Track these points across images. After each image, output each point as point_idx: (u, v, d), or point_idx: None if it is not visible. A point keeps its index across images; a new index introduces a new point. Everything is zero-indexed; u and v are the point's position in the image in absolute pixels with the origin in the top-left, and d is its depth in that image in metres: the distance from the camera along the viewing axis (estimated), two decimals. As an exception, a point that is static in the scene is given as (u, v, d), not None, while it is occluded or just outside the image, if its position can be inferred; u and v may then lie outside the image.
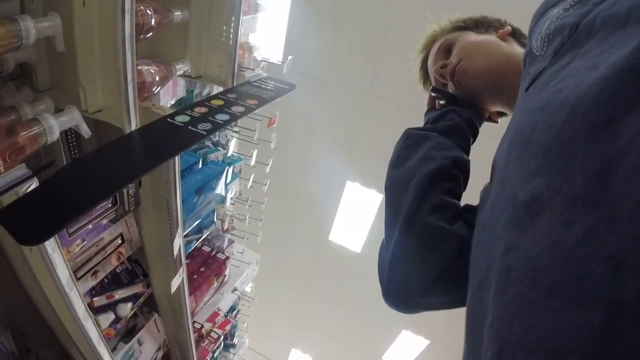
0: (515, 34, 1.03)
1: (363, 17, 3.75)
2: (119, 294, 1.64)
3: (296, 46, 4.04)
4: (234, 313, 3.29)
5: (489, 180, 0.73)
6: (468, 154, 0.94)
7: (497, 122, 1.08)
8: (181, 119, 1.27)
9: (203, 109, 1.36)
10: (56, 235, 1.09)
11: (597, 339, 0.34)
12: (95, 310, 1.55)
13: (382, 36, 3.77)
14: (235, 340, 3.48)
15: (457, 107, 0.98)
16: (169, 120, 1.26)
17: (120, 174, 0.96)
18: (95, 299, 1.55)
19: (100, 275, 1.45)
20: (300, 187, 5.05)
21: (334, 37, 3.97)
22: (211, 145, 2.31)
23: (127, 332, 1.92)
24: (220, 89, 2.17)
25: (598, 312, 0.34)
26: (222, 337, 2.88)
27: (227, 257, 2.38)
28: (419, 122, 1.05)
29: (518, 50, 0.97)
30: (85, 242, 1.28)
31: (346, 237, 5.30)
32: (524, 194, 0.47)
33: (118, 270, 1.65)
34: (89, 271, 1.38)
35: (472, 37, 1.03)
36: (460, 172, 0.87)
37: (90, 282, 1.42)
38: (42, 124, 0.97)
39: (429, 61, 1.13)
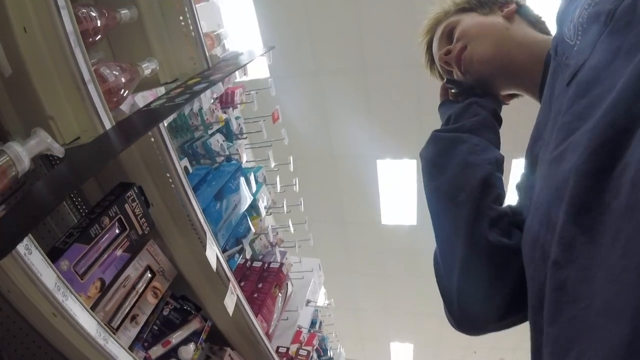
0: (522, 12, 0.95)
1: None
2: (176, 337, 1.43)
3: (276, 55, 3.92)
4: (317, 326, 3.10)
5: (524, 170, 0.74)
6: (499, 148, 0.90)
7: (508, 104, 1.03)
8: (157, 103, 1.09)
9: (179, 90, 1.18)
10: (64, 280, 0.90)
11: (624, 349, 0.34)
12: (155, 363, 1.35)
13: (352, 6, 3.61)
14: (331, 353, 3.27)
15: (477, 99, 0.92)
16: (144, 109, 1.08)
17: (88, 166, 0.79)
18: (150, 351, 1.35)
19: (141, 320, 1.24)
20: (336, 185, 4.92)
21: (308, 27, 3.84)
22: (223, 160, 2.12)
23: (205, 379, 1.72)
24: (211, 103, 2.01)
25: (627, 321, 0.34)
26: (314, 352, 2.68)
27: (282, 264, 2.17)
28: (421, 77, 0.93)
29: (528, 30, 0.91)
30: (104, 282, 1.08)
31: (398, 215, 5.07)
32: (570, 199, 0.46)
33: (165, 313, 1.45)
34: (126, 317, 1.18)
35: (476, 18, 0.96)
36: (501, 173, 0.84)
37: (132, 330, 1.21)
38: (7, 154, 0.82)
39: (433, 46, 1.06)
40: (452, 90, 1.00)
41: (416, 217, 4.94)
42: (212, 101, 2.07)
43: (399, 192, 4.81)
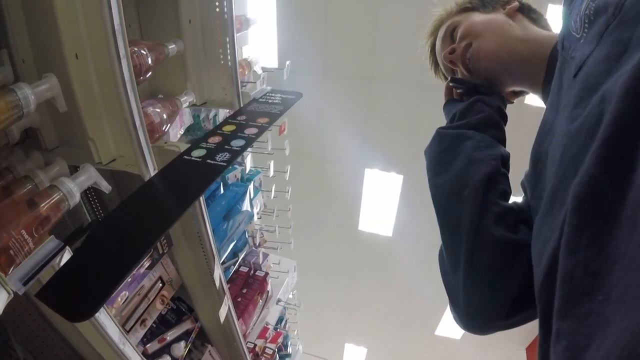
0: (524, 9, 0.97)
1: (349, 2, 3.70)
2: (170, 335, 1.63)
3: (290, 48, 4.03)
4: (282, 324, 3.30)
5: (529, 168, 0.71)
6: (505, 145, 0.90)
7: (512, 102, 1.03)
8: (197, 153, 1.24)
9: (217, 138, 1.33)
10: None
11: None
12: (151, 357, 1.54)
13: (372, 17, 3.70)
14: (289, 350, 3.48)
15: (482, 96, 0.93)
16: (186, 157, 1.24)
17: (152, 225, 0.93)
18: (147, 345, 1.54)
19: (149, 323, 1.44)
20: (321, 186, 5.04)
21: (324, 30, 3.92)
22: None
23: (185, 370, 1.92)
24: (226, 111, 2.16)
25: None
26: (277, 350, 2.88)
27: (267, 273, 2.36)
28: (423, 98, 1.01)
29: (530, 27, 0.92)
30: (127, 295, 1.26)
31: (375, 224, 5.27)
32: (582, 189, 0.44)
33: (164, 312, 1.64)
34: (137, 321, 1.37)
35: (479, 17, 0.97)
36: (507, 170, 0.84)
37: (141, 332, 1.41)
38: (61, 190, 0.94)
39: (437, 46, 1.06)
40: (458, 90, 1.00)
41: (392, 230, 5.14)
42: (228, 111, 2.22)
43: (381, 202, 4.97)
